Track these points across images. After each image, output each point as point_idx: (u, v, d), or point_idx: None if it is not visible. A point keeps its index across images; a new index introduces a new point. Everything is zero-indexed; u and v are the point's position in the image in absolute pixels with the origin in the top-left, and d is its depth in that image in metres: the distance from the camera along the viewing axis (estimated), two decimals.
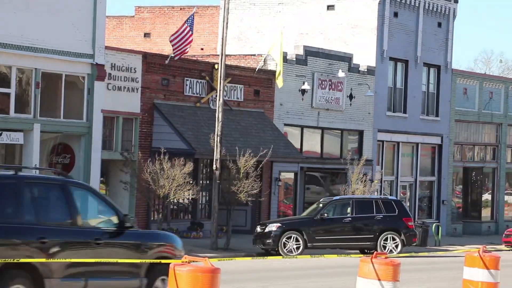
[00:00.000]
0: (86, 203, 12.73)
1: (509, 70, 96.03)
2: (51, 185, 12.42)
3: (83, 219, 12.53)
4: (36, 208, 11.96)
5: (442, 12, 43.67)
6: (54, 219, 12.23)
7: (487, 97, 46.86)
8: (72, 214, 12.35)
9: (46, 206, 12.20)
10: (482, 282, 13.02)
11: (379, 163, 40.84)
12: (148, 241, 13.27)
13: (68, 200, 12.30)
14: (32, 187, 12.02)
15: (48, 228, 12.02)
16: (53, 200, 12.36)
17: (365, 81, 39.57)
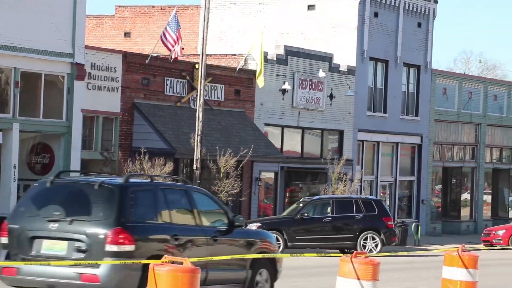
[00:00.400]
0: (201, 204, 14.55)
1: (488, 70, 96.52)
2: (178, 190, 14.58)
3: (203, 219, 14.37)
4: (170, 210, 13.94)
5: (422, 12, 43.85)
6: (182, 219, 14.16)
7: (466, 97, 47.10)
8: (195, 215, 14.26)
9: (176, 208, 14.16)
10: (461, 281, 13.07)
11: (359, 162, 40.95)
12: (252, 238, 15.08)
13: (191, 203, 14.29)
14: (165, 192, 14.04)
15: (179, 227, 13.91)
16: (181, 203, 14.33)
17: (346, 81, 39.66)
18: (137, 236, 13.12)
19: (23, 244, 13.29)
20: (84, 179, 14.45)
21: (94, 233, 12.98)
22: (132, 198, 13.41)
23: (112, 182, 13.62)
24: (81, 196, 13.49)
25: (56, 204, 13.46)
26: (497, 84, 50.45)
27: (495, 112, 48.93)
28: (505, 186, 51.01)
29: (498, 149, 50.11)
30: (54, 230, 13.22)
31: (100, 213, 13.15)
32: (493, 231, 39.56)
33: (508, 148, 50.72)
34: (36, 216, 13.41)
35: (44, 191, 13.78)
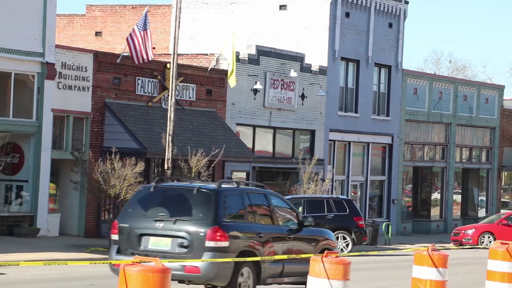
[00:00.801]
0: (277, 206, 16.75)
1: (458, 71, 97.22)
2: (259, 194, 16.64)
3: (278, 218, 16.50)
4: (253, 211, 16.09)
5: (393, 13, 44.06)
6: (263, 219, 16.26)
7: (436, 97, 47.39)
8: (273, 215, 16.41)
9: (258, 210, 16.28)
10: (430, 280, 13.15)
11: (331, 162, 41.07)
12: (317, 236, 17.19)
13: (269, 205, 16.44)
14: (249, 196, 16.25)
15: (262, 226, 16.03)
16: (261, 205, 16.42)
17: (317, 81, 39.77)
18: (230, 233, 15.15)
19: (132, 240, 15.39)
20: (183, 184, 16.64)
21: (195, 231, 15.04)
22: (224, 201, 15.54)
23: (208, 187, 15.78)
24: (182, 199, 15.65)
25: (160, 206, 15.58)
26: (466, 85, 50.81)
27: (465, 112, 49.29)
28: (474, 185, 51.39)
29: (468, 149, 50.48)
30: (159, 228, 15.28)
31: (199, 214, 15.26)
32: (463, 231, 39.85)
33: (478, 148, 51.12)
34: (143, 217, 15.51)
35: (148, 195, 15.95)
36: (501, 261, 14.91)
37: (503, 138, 52.09)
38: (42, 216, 28.58)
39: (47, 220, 28.80)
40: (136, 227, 15.42)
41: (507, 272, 14.81)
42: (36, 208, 28.45)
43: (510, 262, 14.87)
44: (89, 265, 22.06)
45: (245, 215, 15.90)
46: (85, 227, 30.35)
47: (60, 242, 27.61)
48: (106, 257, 25.06)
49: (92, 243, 27.72)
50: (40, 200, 28.55)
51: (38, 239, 27.66)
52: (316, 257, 11.94)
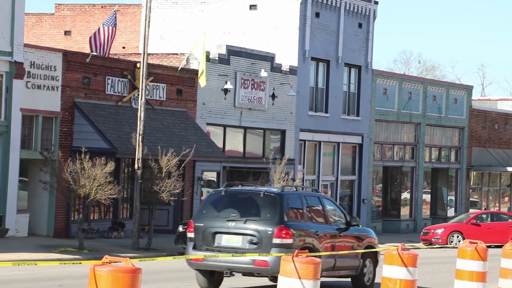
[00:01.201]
0: (330, 207, 19.20)
1: (427, 71, 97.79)
2: (313, 197, 19.11)
3: (330, 218, 18.83)
4: (310, 212, 18.37)
5: (362, 13, 44.22)
6: (318, 219, 18.56)
7: (406, 97, 47.63)
8: (326, 215, 18.75)
9: (314, 211, 18.55)
10: (400, 280, 13.20)
11: (301, 162, 41.14)
12: (362, 234, 19.58)
13: (322, 207, 18.78)
14: (306, 198, 18.64)
15: (317, 225, 18.31)
16: (316, 207, 18.74)
17: (287, 80, 39.81)
18: (293, 231, 17.41)
19: (207, 238, 17.69)
20: (250, 188, 18.81)
21: (263, 230, 17.32)
22: (287, 203, 17.82)
23: (273, 191, 18.14)
24: (251, 201, 17.86)
25: (232, 208, 17.85)
26: (436, 85, 51.12)
27: (434, 112, 49.58)
28: (443, 185, 51.72)
29: (437, 148, 50.79)
30: (232, 227, 17.55)
31: (267, 215, 17.51)
32: (432, 230, 40.08)
33: (447, 147, 51.44)
34: (216, 217, 17.78)
35: (220, 198, 18.20)
36: (470, 260, 15.01)
37: (472, 138, 52.47)
38: (11, 217, 28.36)
39: (16, 220, 28.57)
40: (210, 226, 17.74)
41: (475, 271, 14.91)
42: (5, 209, 28.21)
43: (479, 261, 14.97)
44: (58, 266, 21.92)
45: (304, 216, 18.30)
46: (54, 228, 30.15)
47: (29, 242, 27.41)
48: (78, 257, 24.96)
49: (61, 244, 27.55)
50: (9, 201, 28.31)
51: (7, 240, 27.44)
52: (287, 257, 11.94)
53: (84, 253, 26.29)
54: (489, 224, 40.20)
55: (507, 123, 55.62)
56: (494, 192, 55.26)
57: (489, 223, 40.27)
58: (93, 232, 30.90)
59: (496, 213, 44.37)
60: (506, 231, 39.43)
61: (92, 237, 30.38)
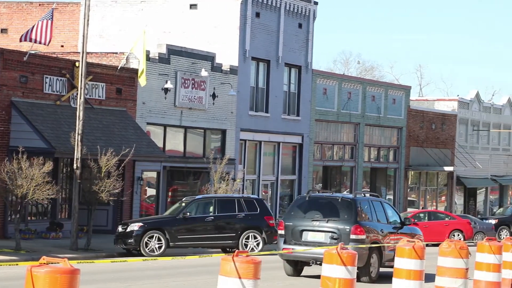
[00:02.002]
0: (388, 210, 23.23)
1: (366, 71, 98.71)
2: (377, 201, 23.04)
3: (389, 219, 22.86)
4: (376, 213, 22.39)
5: (302, 13, 44.43)
6: (381, 219, 22.45)
7: (345, 97, 48.00)
8: (388, 215, 22.86)
9: (378, 212, 22.50)
10: (339, 279, 13.28)
11: (242, 162, 41.17)
12: (412, 232, 22.93)
13: (384, 209, 22.89)
14: (372, 202, 22.75)
15: (381, 224, 22.36)
16: (380, 209, 22.69)
17: (228, 80, 39.81)
18: (365, 229, 21.41)
19: (295, 234, 21.86)
20: (329, 194, 23.79)
21: (342, 228, 21.42)
22: (360, 206, 21.88)
23: (348, 197, 22.52)
24: (331, 205, 22.04)
25: (315, 210, 22.04)
26: (374, 85, 51.62)
27: (373, 112, 50.06)
28: (382, 184, 52.24)
29: (376, 148, 51.29)
30: (316, 226, 21.73)
31: (345, 216, 21.59)
32: None
33: (385, 147, 51.98)
34: (303, 218, 21.98)
35: (305, 202, 22.48)
36: (407, 258, 15.16)
37: (410, 138, 53.11)
38: None
39: None
40: (298, 225, 21.92)
41: (413, 269, 15.08)
42: None
43: (416, 259, 15.14)
44: None
45: (372, 217, 22.22)
46: None
47: None
48: (15, 258, 24.58)
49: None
50: None
51: None
52: (227, 257, 11.91)
53: (21, 254, 25.92)
54: (427, 223, 40.70)
55: (444, 123, 56.43)
56: (431, 191, 56.02)
57: (427, 222, 40.78)
58: (30, 233, 30.50)
59: (433, 212, 44.98)
60: (443, 229, 39.98)
61: (30, 238, 29.98)
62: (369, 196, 24.56)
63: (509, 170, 64.33)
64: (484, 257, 17.98)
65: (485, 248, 18.05)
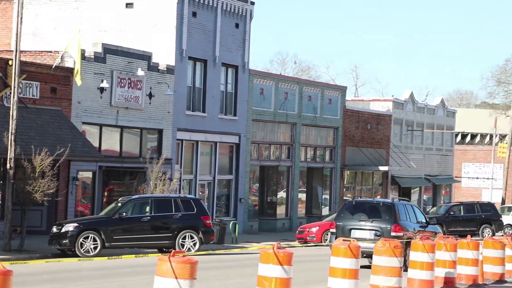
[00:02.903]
0: (417, 211, 28.21)
1: (303, 72, 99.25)
2: (408, 205, 28.22)
3: (418, 219, 27.74)
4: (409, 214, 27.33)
5: (239, 13, 44.48)
6: (412, 219, 27.42)
7: (282, 97, 48.19)
8: (417, 216, 27.79)
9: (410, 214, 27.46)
10: (276, 278, 13.32)
11: (178, 162, 41.04)
12: (435, 231, 27.92)
13: (414, 211, 27.80)
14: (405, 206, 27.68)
15: (412, 223, 27.13)
16: (411, 211, 27.67)
17: (165, 80, 39.64)
18: (402, 228, 26.19)
19: (345, 232, 26.41)
20: (371, 199, 31.40)
21: (384, 227, 26.33)
22: (398, 209, 26.82)
23: (387, 202, 27.64)
24: (374, 208, 27.25)
25: (361, 212, 27.07)
26: (311, 85, 51.92)
27: (310, 112, 50.36)
28: (319, 184, 52.58)
29: (312, 148, 51.59)
30: (362, 225, 26.71)
31: (386, 217, 26.63)
32: (307, 228, 40.65)
33: (322, 147, 52.32)
34: (351, 219, 26.97)
35: (352, 206, 27.71)
36: (343, 257, 15.28)
37: (346, 138, 53.56)
38: None
39: None
40: (347, 225, 26.87)
41: (348, 268, 15.20)
42: None
43: (352, 258, 15.27)
44: None
45: (406, 217, 27.00)
46: None
47: None
48: None
49: None
50: None
51: None
52: (163, 257, 11.86)
53: None
54: None
55: (379, 123, 57.04)
56: (367, 191, 56.57)
57: None
58: None
59: None
60: None
61: None
62: (401, 201, 29.31)
63: (442, 169, 65.34)
64: (418, 256, 18.24)
65: (419, 246, 18.30)
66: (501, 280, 21.26)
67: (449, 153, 66.41)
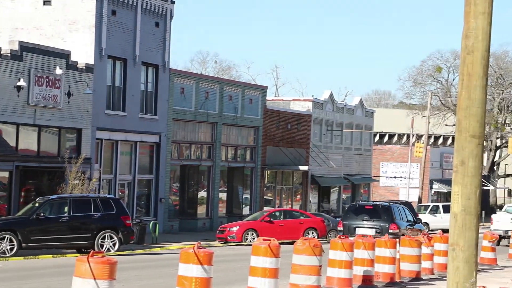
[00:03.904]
0: (407, 212, 35.32)
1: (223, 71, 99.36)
2: (400, 207, 35.52)
3: (407, 218, 34.66)
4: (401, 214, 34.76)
5: (159, 12, 44.28)
6: (404, 219, 34.75)
7: (203, 96, 48.16)
8: (407, 216, 35.19)
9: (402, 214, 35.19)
10: (196, 278, 13.30)
11: (98, 161, 40.64)
12: (420, 228, 32.72)
13: (405, 211, 35.01)
14: (399, 208, 35.45)
15: (405, 222, 34.42)
16: (402, 212, 35.03)
17: (84, 78, 39.21)
18: (398, 226, 32.91)
19: (350, 230, 32.99)
20: (371, 202, 38.22)
21: (384, 225, 32.91)
22: (394, 211, 33.45)
23: (385, 204, 34.37)
24: (374, 210, 34.02)
25: (364, 213, 33.97)
26: (232, 85, 52.02)
27: (230, 112, 50.45)
28: (239, 184, 52.71)
29: (233, 148, 51.69)
30: (365, 224, 33.46)
31: (385, 217, 33.40)
32: (228, 228, 40.71)
33: (242, 147, 52.47)
34: (355, 219, 34.12)
35: (356, 208, 35.31)
36: (263, 257, 15.34)
37: (266, 138, 53.81)
38: None
39: None
40: (353, 223, 33.93)
41: (268, 267, 15.27)
42: None
43: (272, 257, 15.35)
44: None
45: (400, 217, 33.57)
46: None
47: None
48: None
49: None
50: None
51: None
52: (82, 257, 11.72)
53: None
54: (282, 221, 41.34)
55: (299, 123, 57.48)
56: (287, 190, 56.95)
57: (282, 221, 41.42)
58: None
59: (288, 210, 45.72)
60: (298, 228, 40.71)
61: None
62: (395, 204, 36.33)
63: (361, 169, 66.20)
64: (337, 254, 18.43)
65: (337, 245, 18.50)
66: (417, 278, 21.66)
67: (367, 153, 67.33)
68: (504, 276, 23.85)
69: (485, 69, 9.15)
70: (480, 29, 9.08)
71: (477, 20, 9.08)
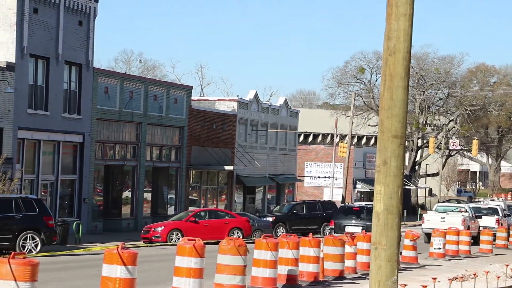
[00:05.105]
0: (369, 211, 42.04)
1: (148, 71, 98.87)
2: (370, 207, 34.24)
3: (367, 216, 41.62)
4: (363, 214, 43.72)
5: (83, 11, 43.80)
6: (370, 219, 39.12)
7: (127, 96, 47.82)
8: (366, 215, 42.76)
9: None
10: (120, 278, 13.22)
11: (20, 161, 40.00)
12: None
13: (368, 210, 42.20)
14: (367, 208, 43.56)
15: None
16: None
17: (5, 77, 38.54)
18: None
19: (341, 228, 39.98)
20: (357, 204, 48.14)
21: (369, 224, 35.47)
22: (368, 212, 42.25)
23: (369, 206, 39.54)
24: (360, 211, 41.89)
25: (351, 214, 41.72)
26: (157, 85, 51.78)
27: (155, 111, 50.21)
28: (164, 184, 52.50)
29: (158, 147, 51.46)
30: (353, 222, 40.63)
31: (369, 217, 36.58)
32: (153, 228, 40.52)
33: (168, 147, 52.27)
34: (345, 218, 41.45)
35: (345, 209, 43.39)
36: (188, 257, 15.32)
37: (191, 137, 53.72)
38: None
39: None
40: (343, 222, 40.07)
41: (193, 267, 15.26)
42: None
43: (197, 258, 15.33)
44: None
45: None
46: None
47: None
48: None
49: None
50: None
51: None
52: (3, 259, 11.54)
53: None
54: (207, 221, 41.33)
55: (224, 123, 57.53)
56: (212, 190, 56.95)
57: (207, 221, 41.40)
58: None
59: (214, 210, 45.73)
60: (223, 227, 40.75)
61: None
62: None
63: (285, 169, 66.60)
64: (262, 254, 18.51)
65: (262, 245, 18.58)
66: (340, 277, 21.90)
67: (292, 153, 67.78)
68: (424, 275, 24.30)
69: (407, 70, 9.28)
70: (402, 31, 9.22)
71: (398, 21, 9.21)
